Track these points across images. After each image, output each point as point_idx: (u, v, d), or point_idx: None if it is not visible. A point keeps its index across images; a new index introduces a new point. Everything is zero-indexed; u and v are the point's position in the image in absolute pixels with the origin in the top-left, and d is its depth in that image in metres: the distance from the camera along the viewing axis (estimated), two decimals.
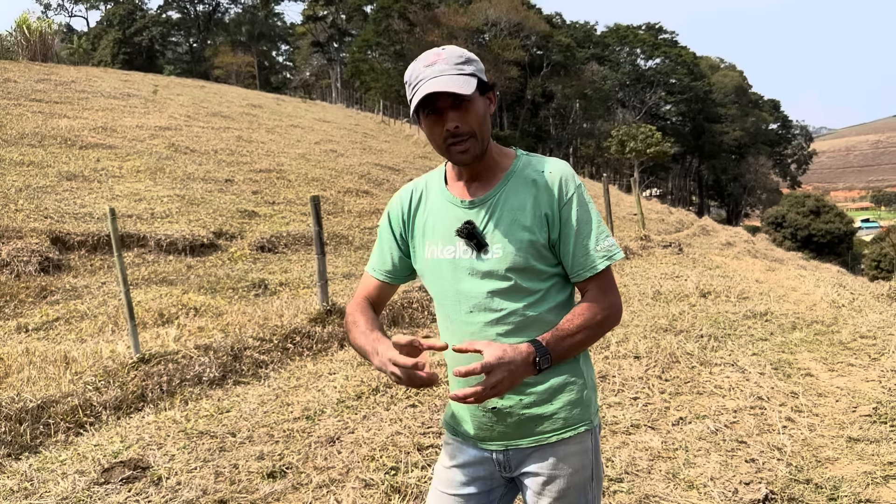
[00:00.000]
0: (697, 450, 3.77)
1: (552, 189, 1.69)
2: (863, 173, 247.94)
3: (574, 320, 1.67)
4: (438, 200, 1.81)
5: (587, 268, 1.69)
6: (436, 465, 1.96)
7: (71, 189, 12.58)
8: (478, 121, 1.67)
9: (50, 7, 76.01)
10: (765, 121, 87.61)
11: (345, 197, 16.45)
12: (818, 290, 8.44)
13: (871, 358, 5.34)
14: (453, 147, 1.67)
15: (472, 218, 1.72)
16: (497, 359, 1.53)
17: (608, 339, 5.88)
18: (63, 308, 7.84)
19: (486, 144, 1.71)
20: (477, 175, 1.76)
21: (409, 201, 1.88)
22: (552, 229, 1.69)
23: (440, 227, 1.78)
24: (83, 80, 26.46)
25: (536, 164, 1.75)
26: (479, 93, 1.68)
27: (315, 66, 75.37)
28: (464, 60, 1.66)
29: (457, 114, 1.64)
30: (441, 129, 1.66)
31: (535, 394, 1.72)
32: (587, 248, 1.69)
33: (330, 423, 4.37)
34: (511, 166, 1.76)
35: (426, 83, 1.62)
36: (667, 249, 13.20)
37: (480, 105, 1.69)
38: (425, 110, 1.66)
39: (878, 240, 43.94)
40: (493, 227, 1.70)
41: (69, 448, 4.33)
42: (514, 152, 1.81)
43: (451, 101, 1.64)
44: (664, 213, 32.60)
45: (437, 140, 1.69)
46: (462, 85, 1.61)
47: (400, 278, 1.94)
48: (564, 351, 1.65)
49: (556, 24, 71.68)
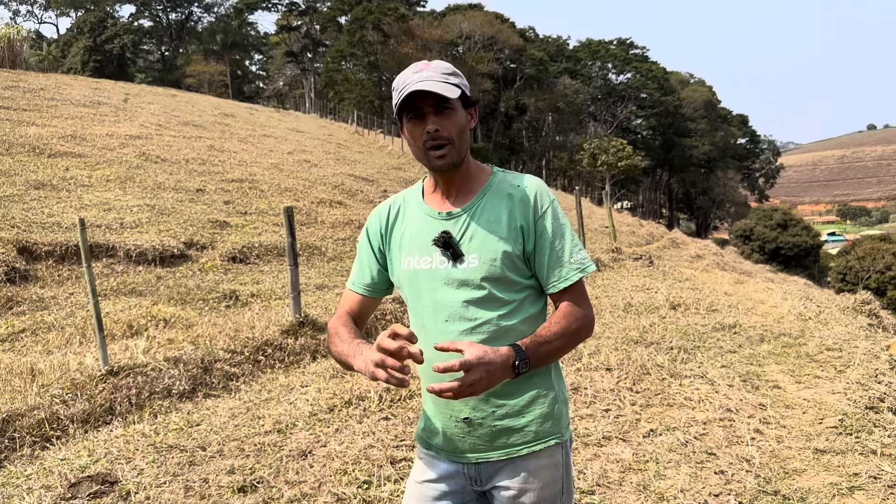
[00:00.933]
0: (668, 462, 3.81)
1: (528, 202, 1.75)
2: (829, 187, 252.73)
3: (551, 328, 1.71)
4: (416, 213, 1.86)
5: (561, 279, 1.74)
6: (408, 480, 1.97)
7: (39, 198, 12.37)
8: (457, 129, 1.73)
9: (19, 13, 75.18)
10: (733, 135, 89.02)
11: (318, 207, 16.38)
12: (786, 302, 8.58)
13: (836, 370, 5.43)
14: (431, 151, 1.72)
15: (448, 229, 1.77)
16: (477, 358, 1.55)
17: (580, 351, 5.92)
18: (29, 319, 7.70)
19: (464, 155, 1.77)
20: (454, 188, 1.81)
21: (386, 216, 1.92)
22: (527, 241, 1.74)
23: (417, 239, 1.81)
24: (52, 88, 26.08)
25: (512, 179, 1.81)
26: (461, 104, 1.74)
27: (289, 76, 75.10)
28: (451, 72, 1.74)
29: (438, 118, 1.70)
30: (422, 131, 1.71)
31: (507, 406, 1.75)
32: (561, 260, 1.74)
33: (302, 437, 4.34)
34: (488, 181, 1.82)
35: (412, 85, 1.68)
36: (638, 262, 13.34)
37: (462, 115, 1.75)
38: (409, 113, 1.72)
39: (843, 253, 44.77)
40: (470, 237, 1.75)
41: (35, 462, 4.25)
42: (491, 168, 1.86)
43: (434, 107, 1.70)
44: (635, 226, 32.90)
45: (417, 142, 1.74)
46: (446, 89, 1.67)
47: (379, 291, 1.98)
48: (542, 357, 1.68)
49: (530, 38, 72.30)
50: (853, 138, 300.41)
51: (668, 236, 31.38)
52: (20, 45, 34.34)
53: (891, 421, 4.28)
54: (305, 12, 67.75)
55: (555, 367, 1.84)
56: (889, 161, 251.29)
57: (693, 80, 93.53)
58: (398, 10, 58.51)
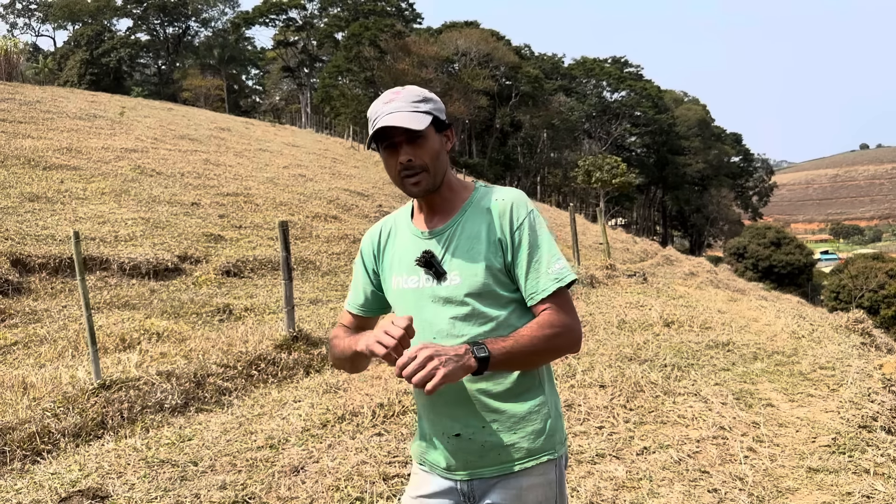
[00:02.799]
0: (661, 479, 3.80)
1: (504, 215, 1.78)
2: (822, 206, 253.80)
3: (520, 330, 1.72)
4: (404, 234, 1.90)
5: (539, 290, 1.75)
6: (402, 496, 1.97)
7: (33, 210, 12.35)
8: (431, 156, 1.76)
9: (16, 26, 75.30)
10: (727, 154, 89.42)
11: (313, 222, 16.38)
12: (779, 320, 8.59)
13: (830, 389, 5.44)
14: (406, 179, 1.76)
15: (431, 248, 1.80)
16: (422, 344, 1.61)
17: (574, 368, 5.92)
18: (21, 332, 7.66)
19: (441, 179, 1.80)
20: (437, 207, 1.85)
21: (377, 238, 1.97)
22: (506, 254, 1.77)
23: (405, 259, 1.85)
24: (48, 100, 26.10)
25: (492, 194, 1.84)
26: (434, 129, 1.77)
27: (285, 91, 75.34)
28: (420, 99, 1.77)
29: (410, 148, 1.74)
30: (395, 161, 1.75)
31: (497, 422, 1.76)
32: (538, 271, 1.75)
33: (294, 452, 4.32)
34: (469, 197, 1.85)
35: (381, 118, 1.72)
36: (632, 279, 13.35)
37: (435, 141, 1.78)
38: (383, 143, 1.77)
39: (836, 271, 44.99)
40: (451, 255, 1.78)
41: (25, 476, 4.22)
42: (474, 185, 1.89)
43: (406, 137, 1.73)
44: (629, 243, 33.00)
45: (392, 172, 1.79)
46: (414, 121, 1.71)
47: (372, 311, 2.02)
48: (504, 354, 1.66)
49: (525, 55, 72.74)
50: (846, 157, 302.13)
51: (662, 253, 31.46)
52: (17, 57, 34.43)
53: (884, 440, 4.29)
54: (302, 28, 68.05)
55: (549, 382, 1.85)
56: (882, 180, 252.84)
57: (687, 99, 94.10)
58: (395, 26, 58.85)
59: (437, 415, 1.82)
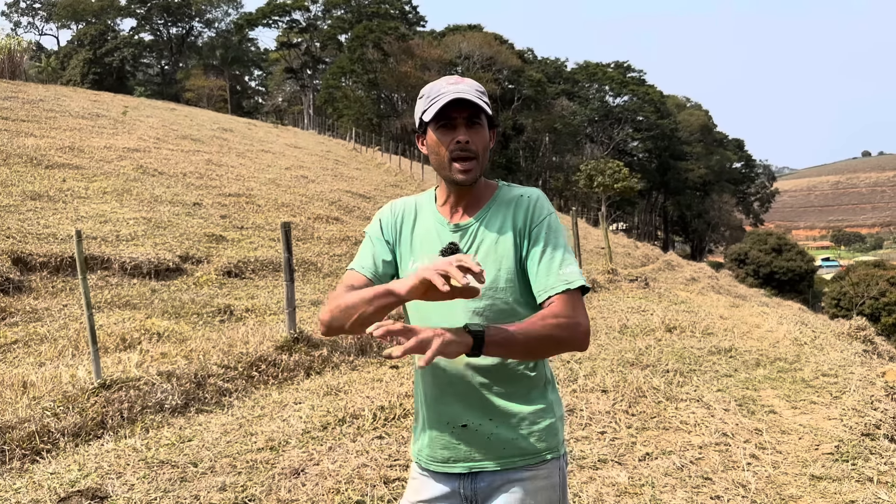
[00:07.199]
0: (664, 486, 3.78)
1: (527, 211, 1.79)
2: (823, 213, 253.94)
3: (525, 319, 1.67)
4: (429, 220, 1.88)
5: (547, 289, 1.72)
6: (400, 501, 1.95)
7: (35, 209, 12.34)
8: (483, 145, 1.78)
9: (20, 25, 75.44)
10: (729, 159, 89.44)
11: (315, 223, 16.37)
12: (781, 327, 8.57)
13: (832, 396, 5.42)
14: (457, 162, 1.75)
15: (456, 240, 1.81)
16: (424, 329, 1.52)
17: (576, 373, 5.90)
18: (22, 330, 7.65)
19: (481, 173, 1.82)
20: (464, 201, 1.85)
21: (401, 213, 1.92)
22: (523, 249, 1.78)
23: (427, 246, 1.84)
24: (51, 99, 26.11)
25: (515, 191, 1.86)
26: (487, 124, 1.79)
27: (288, 92, 75.36)
28: (482, 91, 1.79)
29: (469, 130, 1.75)
30: (450, 139, 1.74)
31: (505, 417, 1.76)
32: (550, 269, 1.73)
33: (294, 455, 4.30)
34: (494, 194, 1.86)
35: (451, 94, 1.71)
36: (633, 283, 13.33)
37: (487, 134, 1.80)
38: (438, 122, 1.74)
39: (838, 278, 44.98)
40: (476, 249, 1.79)
41: (24, 476, 4.21)
42: (497, 183, 1.91)
43: (466, 119, 1.74)
44: (630, 248, 32.95)
45: (441, 152, 1.76)
46: (483, 104, 1.73)
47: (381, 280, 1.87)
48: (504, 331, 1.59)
49: (528, 59, 72.81)
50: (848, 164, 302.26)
51: (664, 258, 31.39)
52: (20, 56, 34.43)
53: (887, 448, 4.27)
54: (306, 30, 68.09)
55: (552, 386, 1.85)
56: (883, 188, 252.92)
57: (689, 104, 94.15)
58: (399, 29, 58.95)
59: (445, 405, 1.80)
